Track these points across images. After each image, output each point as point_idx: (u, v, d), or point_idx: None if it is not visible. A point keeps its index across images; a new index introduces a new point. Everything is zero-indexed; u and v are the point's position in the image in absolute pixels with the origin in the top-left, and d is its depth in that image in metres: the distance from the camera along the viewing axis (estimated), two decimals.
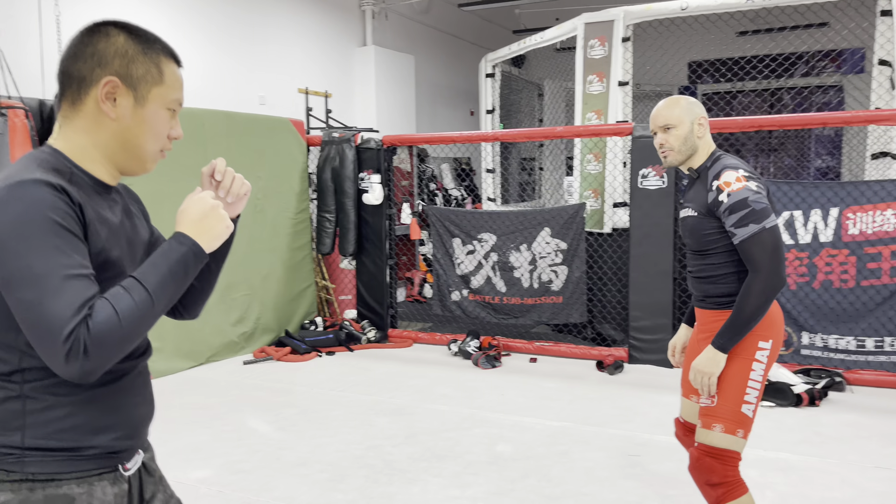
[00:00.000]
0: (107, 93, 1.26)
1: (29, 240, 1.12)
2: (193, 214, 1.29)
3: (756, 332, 2.20)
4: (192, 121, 5.36)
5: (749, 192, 2.16)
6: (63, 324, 1.10)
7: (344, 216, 6.24)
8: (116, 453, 1.30)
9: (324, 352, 5.80)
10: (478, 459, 3.59)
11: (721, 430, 2.21)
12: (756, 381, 2.21)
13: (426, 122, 9.52)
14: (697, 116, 2.34)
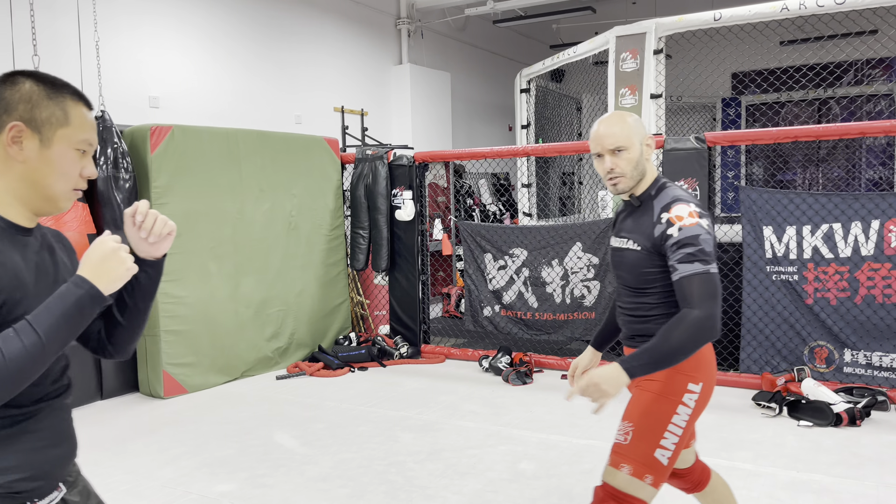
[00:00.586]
0: (12, 137, 1.31)
1: None
2: (94, 257, 1.31)
3: (686, 373, 2.02)
4: (227, 140, 5.50)
5: (701, 231, 1.97)
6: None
7: (377, 232, 6.30)
8: (20, 493, 1.29)
9: (356, 367, 5.85)
10: (499, 477, 3.55)
11: (628, 471, 1.99)
12: (678, 427, 2.01)
13: (463, 138, 9.56)
14: (645, 137, 2.14)
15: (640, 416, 2.03)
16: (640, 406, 2.05)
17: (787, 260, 4.91)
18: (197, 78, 6.11)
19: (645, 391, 2.07)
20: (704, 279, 1.91)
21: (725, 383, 5.04)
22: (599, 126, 2.13)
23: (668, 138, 5.14)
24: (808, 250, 4.84)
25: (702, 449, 3.86)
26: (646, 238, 2.06)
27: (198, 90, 6.09)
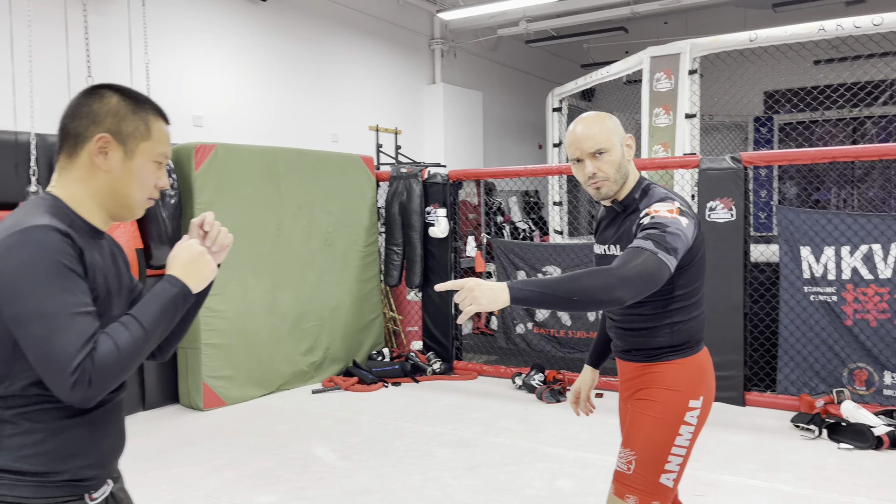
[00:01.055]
0: (99, 147, 1.40)
1: (39, 280, 1.24)
2: (184, 259, 1.43)
3: (685, 392, 1.97)
4: (267, 158, 5.63)
5: (673, 223, 1.83)
6: (71, 357, 1.22)
7: (411, 249, 6.38)
8: (83, 481, 1.37)
9: (390, 382, 5.90)
10: (537, 494, 3.57)
11: (635, 501, 1.96)
12: (682, 447, 1.96)
13: (494, 156, 9.63)
14: (624, 137, 2.02)
15: (643, 443, 1.97)
16: (640, 433, 1.99)
17: (826, 280, 4.88)
18: (238, 97, 6.27)
19: (644, 414, 2.00)
20: (645, 255, 1.76)
21: (762, 404, 5.00)
22: (576, 128, 2.00)
23: (703, 158, 5.16)
24: (847, 271, 4.81)
25: (742, 470, 3.86)
26: (629, 241, 1.94)
27: (239, 109, 6.25)
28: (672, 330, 2.00)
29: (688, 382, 1.98)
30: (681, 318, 2.00)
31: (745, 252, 5.06)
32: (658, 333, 2.00)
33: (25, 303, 1.23)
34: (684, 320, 2.01)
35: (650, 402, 2.00)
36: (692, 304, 2.03)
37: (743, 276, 5.06)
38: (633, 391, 2.09)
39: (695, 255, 1.97)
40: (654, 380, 2.02)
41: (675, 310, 1.99)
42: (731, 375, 5.07)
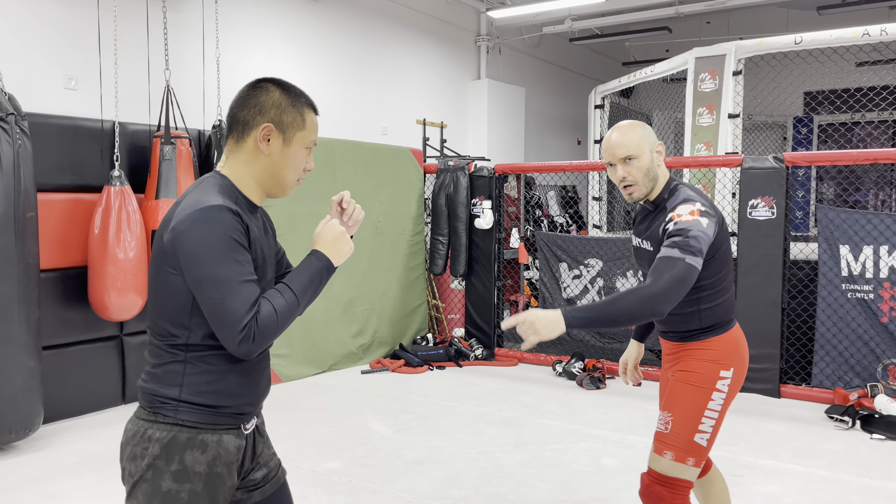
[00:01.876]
0: (264, 134, 1.62)
1: (216, 252, 1.49)
2: (328, 237, 1.66)
3: (718, 362, 2.23)
4: (325, 150, 5.92)
5: (694, 225, 2.08)
6: (240, 318, 1.49)
7: (456, 239, 6.63)
8: (241, 415, 1.64)
9: (434, 366, 6.17)
10: (583, 469, 3.81)
11: (671, 457, 2.19)
12: (714, 411, 2.21)
13: (534, 151, 9.83)
14: (655, 144, 2.24)
15: (679, 406, 2.23)
16: (677, 397, 2.25)
17: (864, 279, 5.03)
18: None
19: (681, 382, 2.27)
20: (674, 263, 2.02)
21: (798, 396, 5.17)
22: (611, 135, 2.25)
23: (746, 157, 5.33)
24: (885, 270, 4.96)
25: (778, 455, 4.06)
26: (657, 241, 2.21)
27: None
28: (701, 316, 2.25)
29: (720, 356, 2.24)
30: (708, 304, 2.25)
31: (785, 249, 5.23)
32: (690, 319, 2.26)
33: (205, 270, 1.49)
34: (711, 306, 2.25)
35: (687, 372, 2.26)
36: (718, 291, 2.26)
37: (782, 273, 5.23)
38: (672, 363, 2.36)
39: (717, 249, 2.19)
40: (690, 355, 2.29)
41: (703, 297, 2.23)
42: (767, 368, 5.25)
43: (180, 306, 1.55)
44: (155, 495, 1.53)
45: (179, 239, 1.51)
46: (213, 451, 1.58)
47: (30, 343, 4.03)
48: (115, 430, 4.43)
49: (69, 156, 4.57)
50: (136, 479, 1.55)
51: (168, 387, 1.57)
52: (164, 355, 1.58)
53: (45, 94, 4.65)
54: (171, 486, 1.53)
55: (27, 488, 3.53)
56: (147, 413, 1.58)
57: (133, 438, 1.57)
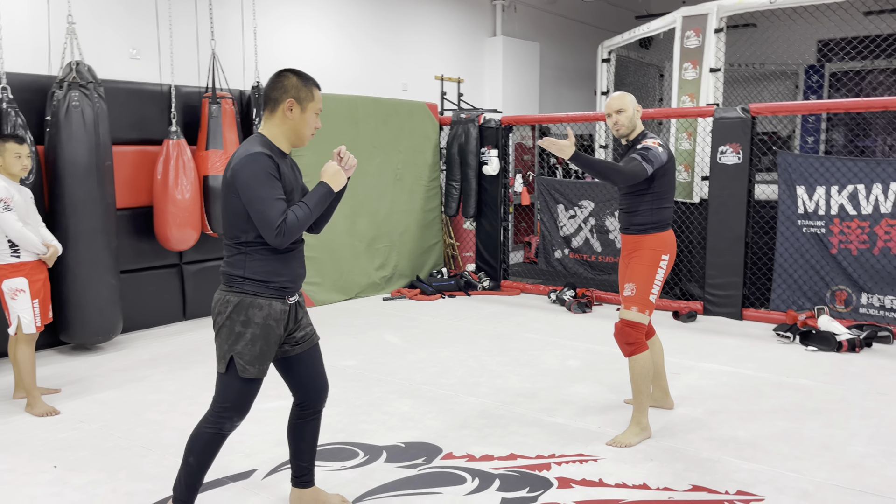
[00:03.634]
0: (289, 106, 2.46)
1: (260, 182, 2.36)
2: (329, 173, 2.52)
3: (659, 250, 3.48)
4: (349, 106, 6.77)
5: (655, 150, 3.36)
6: (275, 222, 2.34)
7: (467, 184, 7.46)
8: (284, 289, 2.49)
9: (446, 294, 7.09)
10: (550, 368, 4.70)
11: (637, 310, 3.45)
12: (658, 281, 3.47)
13: (550, 103, 10.49)
14: (636, 106, 3.52)
15: (639, 277, 3.47)
16: (637, 272, 3.48)
17: (817, 215, 5.71)
18: (326, 52, 7.37)
19: (639, 263, 3.50)
20: (637, 164, 3.31)
21: (757, 319, 5.93)
22: (611, 97, 3.55)
23: (717, 109, 5.99)
24: (835, 207, 5.63)
25: (718, 360, 4.88)
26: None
27: (327, 62, 7.36)
28: (652, 211, 3.48)
29: (660, 245, 3.50)
30: (657, 205, 3.48)
31: (750, 190, 5.92)
32: (643, 213, 3.49)
33: (253, 193, 2.37)
34: (658, 207, 3.49)
35: (640, 256, 3.50)
36: (663, 199, 3.50)
37: (746, 211, 5.94)
38: (629, 254, 3.57)
39: (666, 172, 3.46)
40: (642, 245, 3.51)
41: (655, 199, 3.47)
42: (731, 294, 6.01)
43: (241, 218, 2.40)
44: (231, 333, 2.44)
45: (236, 175, 2.37)
46: (266, 310, 2.44)
47: (111, 266, 5.06)
48: (178, 338, 5.49)
49: (136, 115, 5.53)
50: (219, 325, 2.45)
51: (236, 269, 2.46)
52: (233, 250, 2.47)
53: (116, 63, 5.59)
54: (240, 328, 2.43)
55: (115, 375, 4.59)
56: (226, 287, 2.47)
57: (218, 302, 2.47)
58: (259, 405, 3.98)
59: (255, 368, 2.45)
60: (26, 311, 3.90)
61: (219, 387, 2.49)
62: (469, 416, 3.82)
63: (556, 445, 3.42)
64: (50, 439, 3.53)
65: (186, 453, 2.50)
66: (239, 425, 2.52)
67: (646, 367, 3.44)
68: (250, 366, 2.43)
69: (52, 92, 4.85)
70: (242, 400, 2.49)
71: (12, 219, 3.82)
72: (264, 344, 2.45)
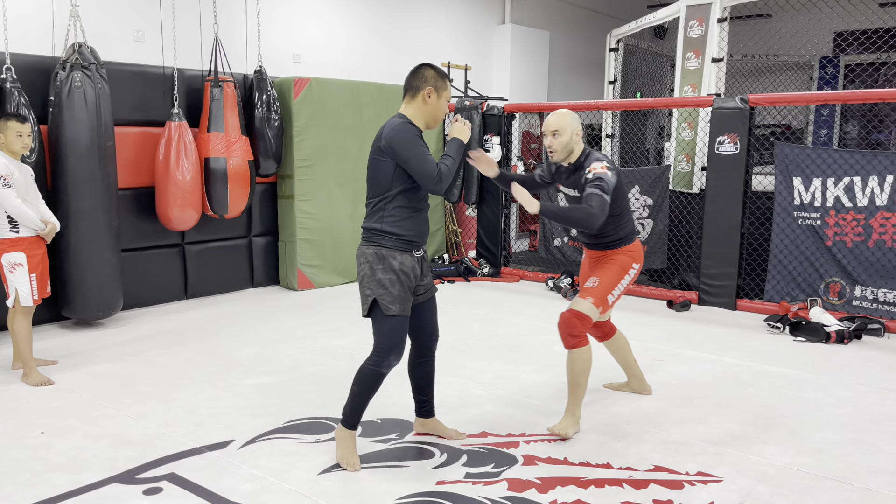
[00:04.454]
0: (428, 94, 2.96)
1: (414, 143, 2.84)
2: (456, 129, 3.04)
3: (632, 257, 3.47)
4: (352, 91, 6.85)
5: (605, 175, 3.23)
6: (433, 172, 2.83)
7: (469, 171, 7.51)
8: (412, 242, 2.95)
9: (446, 280, 7.17)
10: (535, 351, 4.77)
11: (592, 301, 3.36)
12: (622, 285, 3.44)
13: (559, 91, 10.48)
14: (575, 129, 3.36)
15: (605, 274, 3.43)
16: (604, 270, 3.46)
17: (813, 207, 5.70)
18: (329, 37, 7.45)
19: (608, 263, 3.48)
20: (598, 197, 3.18)
21: (751, 309, 5.94)
22: (550, 117, 3.40)
23: (715, 99, 5.98)
24: (831, 199, 5.61)
25: (703, 348, 4.91)
26: (581, 187, 3.37)
27: (331, 47, 7.44)
28: (616, 228, 3.45)
29: (631, 255, 3.49)
30: (619, 223, 3.44)
31: (746, 181, 5.91)
32: (611, 232, 3.46)
33: (410, 151, 2.84)
34: (621, 225, 3.46)
35: (612, 259, 3.48)
36: (623, 216, 3.46)
37: (742, 202, 5.93)
38: (597, 260, 3.56)
39: (618, 191, 3.36)
40: (613, 254, 3.49)
41: (612, 220, 3.40)
42: (726, 284, 6.02)
43: (386, 179, 2.89)
44: (373, 278, 2.90)
45: (391, 140, 2.84)
46: (400, 260, 2.91)
47: (112, 244, 5.20)
48: (178, 316, 5.63)
49: (139, 97, 5.65)
50: (362, 274, 2.94)
51: (376, 223, 2.93)
52: (374, 209, 2.93)
53: (120, 46, 5.71)
54: (381, 275, 2.89)
55: (111, 349, 4.74)
56: (365, 243, 2.96)
57: (361, 255, 2.96)
58: (244, 380, 4.12)
59: (398, 307, 2.90)
60: (24, 284, 4.04)
61: (374, 332, 2.96)
62: (448, 395, 3.90)
63: (528, 425, 3.50)
64: (41, 407, 3.67)
65: (353, 384, 3.01)
66: (396, 364, 2.97)
67: (586, 362, 3.35)
68: (392, 304, 2.89)
69: (55, 73, 4.98)
70: (393, 339, 2.93)
71: (11, 195, 3.96)
72: (401, 287, 2.91)
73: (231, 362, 4.46)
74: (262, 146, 6.19)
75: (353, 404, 3.03)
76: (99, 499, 2.74)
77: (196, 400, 3.80)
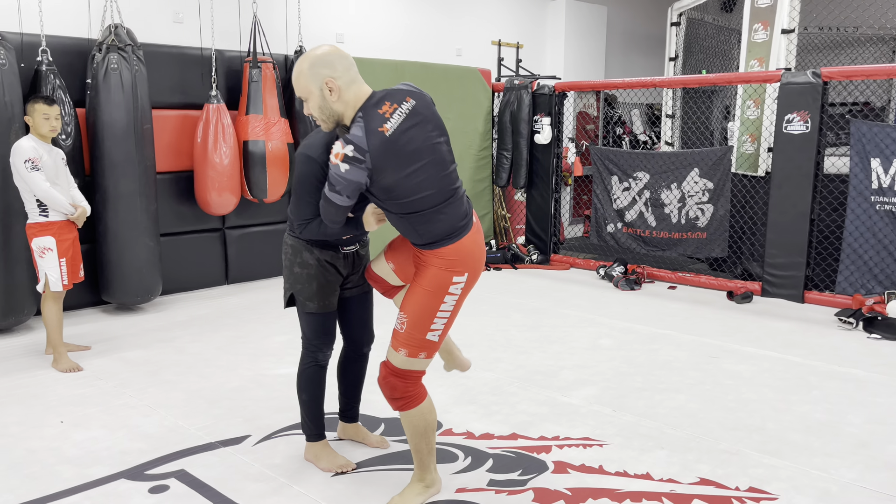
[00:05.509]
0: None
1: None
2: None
3: (451, 269, 2.33)
4: (395, 71, 6.63)
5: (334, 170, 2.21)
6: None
7: (518, 154, 7.21)
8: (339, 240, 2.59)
9: (492, 267, 6.91)
10: (579, 345, 4.47)
11: (405, 353, 2.36)
12: (446, 312, 2.36)
13: (618, 69, 10.01)
14: (322, 79, 2.26)
15: (414, 308, 2.35)
16: (414, 300, 2.36)
17: (892, 191, 5.18)
18: (373, 17, 7.23)
19: (418, 286, 2.37)
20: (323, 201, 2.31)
21: (820, 302, 5.48)
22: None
23: (785, 73, 5.50)
24: None
25: (765, 345, 4.53)
26: None
27: (372, 26, 7.23)
28: (419, 233, 2.34)
29: (451, 264, 2.33)
30: (420, 225, 2.32)
31: (817, 163, 5.43)
32: (412, 235, 2.37)
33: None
34: (424, 226, 2.32)
35: (421, 276, 2.38)
36: (423, 216, 2.31)
37: (813, 185, 5.45)
38: (417, 267, 2.45)
39: (390, 189, 2.25)
40: (426, 261, 2.38)
41: (412, 220, 2.32)
42: (792, 275, 5.57)
43: None
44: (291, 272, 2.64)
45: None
46: (317, 255, 2.60)
47: (150, 228, 5.15)
48: (218, 301, 5.56)
49: (178, 79, 5.57)
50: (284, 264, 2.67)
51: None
52: None
53: (158, 27, 5.64)
54: (298, 269, 2.62)
55: (145, 335, 4.69)
56: (290, 230, 2.63)
57: (284, 243, 2.67)
58: (271, 370, 3.98)
59: (316, 304, 2.63)
60: (53, 269, 4.00)
61: (301, 325, 2.72)
62: (480, 392, 3.67)
63: (563, 427, 3.23)
64: (65, 394, 3.61)
65: (298, 393, 2.76)
66: (331, 353, 2.76)
67: (420, 425, 2.47)
68: (310, 301, 2.63)
69: (92, 55, 4.93)
70: (319, 334, 2.68)
71: (40, 178, 3.90)
72: (319, 284, 2.62)
73: (261, 351, 4.34)
74: (303, 128, 6.05)
75: (308, 413, 2.77)
76: (103, 495, 2.63)
77: (219, 391, 3.68)
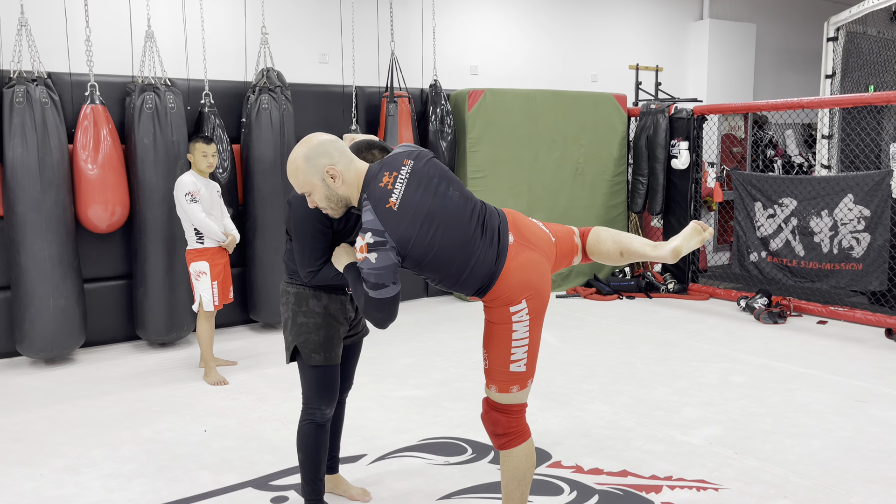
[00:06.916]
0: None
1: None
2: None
3: (505, 302, 2.24)
4: (527, 100, 6.72)
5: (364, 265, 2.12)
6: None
7: (654, 179, 7.03)
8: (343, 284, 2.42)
9: (624, 295, 6.76)
10: (707, 381, 4.28)
11: (496, 389, 2.31)
12: (521, 340, 2.27)
13: (768, 89, 9.48)
14: (323, 169, 2.18)
15: (490, 344, 2.32)
16: (487, 336, 2.34)
17: None
18: (508, 47, 7.38)
19: (487, 321, 2.34)
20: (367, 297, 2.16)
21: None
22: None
23: None
24: None
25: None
26: None
27: (507, 57, 7.37)
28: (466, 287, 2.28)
29: (503, 301, 2.26)
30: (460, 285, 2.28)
31: None
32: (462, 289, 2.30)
33: None
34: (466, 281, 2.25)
35: (486, 311, 2.34)
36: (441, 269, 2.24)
37: None
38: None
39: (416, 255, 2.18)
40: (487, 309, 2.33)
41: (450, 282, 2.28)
42: None
43: None
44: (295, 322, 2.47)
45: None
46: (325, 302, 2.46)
47: None
48: None
49: (322, 114, 6.00)
50: (284, 317, 2.51)
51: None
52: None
53: (305, 68, 6.11)
54: (303, 318, 2.47)
55: None
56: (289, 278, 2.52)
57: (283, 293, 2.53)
58: (393, 392, 4.16)
59: (322, 356, 2.49)
60: (206, 290, 4.44)
61: (301, 381, 2.56)
62: (594, 426, 3.62)
63: (678, 467, 3.12)
64: (211, 406, 3.99)
65: (298, 453, 2.58)
66: (331, 413, 2.56)
67: (520, 468, 2.36)
68: (316, 353, 2.49)
69: (247, 96, 5.44)
70: (321, 391, 2.52)
71: (197, 209, 4.37)
72: (327, 333, 2.48)
73: (387, 372, 4.54)
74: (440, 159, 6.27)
75: (307, 474, 2.57)
76: (231, 501, 2.89)
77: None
